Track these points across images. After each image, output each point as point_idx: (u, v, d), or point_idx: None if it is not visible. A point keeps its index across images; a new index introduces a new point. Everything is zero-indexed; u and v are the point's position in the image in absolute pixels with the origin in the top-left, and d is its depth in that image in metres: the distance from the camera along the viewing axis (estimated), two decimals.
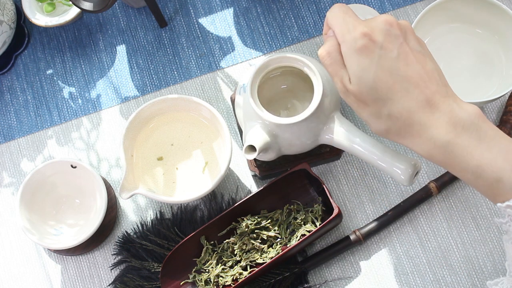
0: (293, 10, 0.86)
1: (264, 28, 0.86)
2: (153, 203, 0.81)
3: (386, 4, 0.84)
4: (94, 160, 0.83)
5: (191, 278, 0.75)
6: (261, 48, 0.85)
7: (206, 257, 0.75)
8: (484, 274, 0.75)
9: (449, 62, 0.78)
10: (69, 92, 0.86)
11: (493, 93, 0.75)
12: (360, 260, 0.77)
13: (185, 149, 0.78)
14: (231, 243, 0.75)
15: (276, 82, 0.75)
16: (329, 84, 0.69)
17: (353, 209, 0.79)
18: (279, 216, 0.76)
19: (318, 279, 0.76)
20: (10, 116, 0.87)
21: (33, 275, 0.80)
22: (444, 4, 0.75)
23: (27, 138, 0.85)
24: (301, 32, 0.85)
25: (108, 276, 0.79)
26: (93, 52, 0.88)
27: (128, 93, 0.86)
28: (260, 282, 0.74)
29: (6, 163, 0.85)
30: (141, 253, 0.77)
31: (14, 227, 0.82)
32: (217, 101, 0.84)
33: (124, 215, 0.81)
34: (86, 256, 0.80)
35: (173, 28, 0.87)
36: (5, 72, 0.88)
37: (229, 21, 0.87)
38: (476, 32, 0.78)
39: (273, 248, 0.74)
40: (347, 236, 0.76)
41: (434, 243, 0.77)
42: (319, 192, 0.76)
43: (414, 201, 0.77)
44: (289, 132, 0.67)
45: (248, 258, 0.74)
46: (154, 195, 0.72)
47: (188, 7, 0.88)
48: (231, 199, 0.79)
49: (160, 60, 0.86)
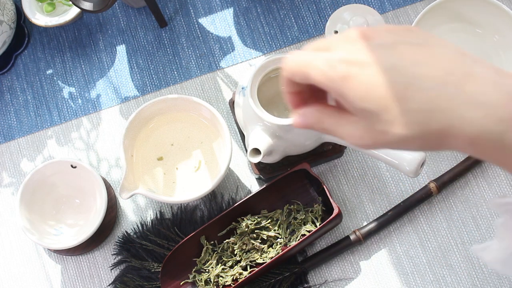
0: (293, 10, 0.86)
1: (264, 28, 0.86)
2: (153, 203, 0.81)
3: (386, 4, 0.84)
4: (94, 160, 0.83)
5: (191, 278, 0.75)
6: (261, 48, 0.85)
7: (206, 257, 0.75)
8: (484, 274, 0.75)
9: None
10: (69, 92, 0.86)
11: None
12: (360, 260, 0.77)
13: (185, 149, 0.78)
14: (231, 243, 0.75)
15: (275, 82, 0.75)
16: None
17: (353, 209, 0.79)
18: (279, 216, 0.76)
19: (318, 279, 0.76)
20: (10, 116, 0.87)
21: (33, 275, 0.80)
22: (444, 4, 0.75)
23: (27, 138, 0.85)
24: (301, 32, 0.85)
25: (108, 276, 0.79)
26: (93, 52, 0.88)
27: (128, 93, 0.86)
28: (260, 282, 0.74)
29: (6, 163, 0.85)
30: (141, 253, 0.77)
31: (14, 227, 0.82)
32: (217, 101, 0.84)
33: (124, 215, 0.81)
34: (86, 256, 0.80)
35: (173, 28, 0.87)
36: (5, 72, 0.88)
37: (229, 21, 0.87)
38: (476, 32, 0.78)
39: (273, 248, 0.74)
40: (347, 236, 0.76)
41: (434, 243, 0.77)
42: (319, 192, 0.76)
43: (414, 201, 0.77)
44: (292, 132, 0.67)
45: (248, 258, 0.74)
46: (154, 195, 0.72)
47: (188, 7, 0.88)
48: (231, 199, 0.79)
49: (160, 60, 0.86)
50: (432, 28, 0.77)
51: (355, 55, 0.35)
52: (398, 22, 0.83)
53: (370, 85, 0.35)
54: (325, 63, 0.36)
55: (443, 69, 0.34)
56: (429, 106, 0.34)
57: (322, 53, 0.37)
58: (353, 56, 0.35)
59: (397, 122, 0.35)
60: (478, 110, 0.33)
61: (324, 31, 0.77)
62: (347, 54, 0.36)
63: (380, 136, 0.36)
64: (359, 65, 0.35)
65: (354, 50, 0.36)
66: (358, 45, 0.36)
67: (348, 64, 0.35)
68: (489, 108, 0.33)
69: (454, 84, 0.34)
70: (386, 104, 0.35)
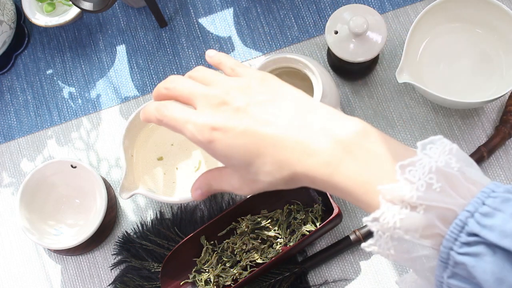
0: (293, 10, 0.86)
1: (264, 28, 0.86)
2: (153, 203, 0.81)
3: (386, 4, 0.84)
4: (94, 160, 0.83)
5: (191, 278, 0.75)
6: (261, 48, 0.85)
7: (206, 257, 0.75)
8: None
9: (449, 62, 0.78)
10: (69, 92, 0.86)
11: (493, 93, 0.75)
12: (360, 260, 0.77)
13: (185, 149, 0.78)
14: (231, 243, 0.75)
15: None
16: (328, 84, 0.69)
17: (353, 209, 0.79)
18: (279, 216, 0.76)
19: (318, 279, 0.76)
20: (10, 116, 0.87)
21: (33, 275, 0.80)
22: (444, 4, 0.75)
23: (27, 138, 0.85)
24: (301, 32, 0.85)
25: (108, 276, 0.79)
26: (93, 52, 0.88)
27: (128, 93, 0.86)
28: (260, 282, 0.74)
29: (6, 163, 0.85)
30: (141, 253, 0.77)
31: (14, 227, 0.82)
32: None
33: (124, 215, 0.81)
34: (86, 256, 0.80)
35: (173, 28, 0.87)
36: (5, 72, 0.88)
37: (229, 21, 0.87)
38: (476, 32, 0.78)
39: (273, 248, 0.74)
40: (347, 236, 0.76)
41: None
42: (319, 192, 0.76)
43: None
44: None
45: (248, 258, 0.74)
46: (154, 195, 0.72)
47: (188, 7, 0.88)
48: (231, 199, 0.79)
49: (160, 60, 0.86)
50: (432, 28, 0.77)
51: (217, 121, 0.43)
52: (398, 22, 0.83)
53: (231, 147, 0.43)
54: (195, 129, 0.44)
55: (285, 125, 0.42)
56: (279, 159, 0.41)
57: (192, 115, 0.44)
58: (216, 122, 0.43)
59: (261, 173, 0.43)
60: (311, 158, 0.41)
61: (324, 31, 0.77)
62: (212, 120, 0.43)
63: (254, 184, 0.44)
64: (221, 130, 0.43)
65: (217, 117, 0.43)
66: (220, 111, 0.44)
67: (212, 130, 0.43)
68: (318, 155, 0.40)
69: (294, 137, 0.41)
70: (248, 160, 0.43)
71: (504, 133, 0.76)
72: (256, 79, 0.46)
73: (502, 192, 0.38)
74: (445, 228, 0.37)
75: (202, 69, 0.49)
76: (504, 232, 0.36)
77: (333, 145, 0.40)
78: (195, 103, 0.46)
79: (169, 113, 0.46)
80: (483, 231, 0.36)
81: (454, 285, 0.38)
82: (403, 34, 0.83)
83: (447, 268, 0.38)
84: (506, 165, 0.78)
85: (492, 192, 0.38)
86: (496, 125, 0.78)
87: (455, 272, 0.37)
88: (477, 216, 0.37)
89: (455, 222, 0.37)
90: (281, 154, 0.41)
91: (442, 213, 0.37)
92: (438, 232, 0.38)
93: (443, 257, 0.38)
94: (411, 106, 0.80)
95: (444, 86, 0.77)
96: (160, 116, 0.46)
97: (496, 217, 0.36)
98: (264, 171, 0.43)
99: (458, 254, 0.37)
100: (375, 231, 0.39)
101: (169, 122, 0.46)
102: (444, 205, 0.37)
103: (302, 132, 0.41)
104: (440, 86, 0.77)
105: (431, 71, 0.78)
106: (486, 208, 0.37)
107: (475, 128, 0.79)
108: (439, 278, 0.38)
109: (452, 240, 0.37)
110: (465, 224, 0.37)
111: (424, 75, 0.78)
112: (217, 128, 0.43)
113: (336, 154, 0.40)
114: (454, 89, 0.77)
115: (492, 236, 0.36)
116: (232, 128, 0.43)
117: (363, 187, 0.40)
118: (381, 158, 0.40)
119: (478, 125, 0.79)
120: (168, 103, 0.47)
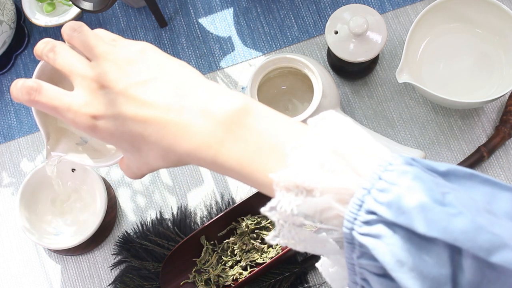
0: (293, 10, 0.86)
1: (264, 28, 0.86)
2: (153, 203, 0.81)
3: (386, 4, 0.84)
4: None
5: (191, 278, 0.75)
6: (261, 48, 0.85)
7: (206, 257, 0.75)
8: None
9: (449, 62, 0.78)
10: None
11: (493, 93, 0.75)
12: None
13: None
14: (231, 243, 0.75)
15: (275, 82, 0.75)
16: (328, 84, 0.70)
17: None
18: None
19: (318, 279, 0.77)
20: (10, 116, 0.87)
21: (33, 275, 0.80)
22: (444, 4, 0.75)
23: (27, 138, 0.85)
24: (301, 32, 0.85)
25: (108, 276, 0.79)
26: None
27: None
28: (260, 282, 0.74)
29: (6, 163, 0.85)
30: (141, 253, 0.77)
31: (14, 227, 0.82)
32: None
33: (124, 215, 0.81)
34: (86, 256, 0.80)
35: (173, 28, 0.87)
36: (5, 72, 0.88)
37: (229, 21, 0.87)
38: (476, 32, 0.78)
39: (273, 248, 0.74)
40: None
41: None
42: None
43: None
44: None
45: (248, 258, 0.74)
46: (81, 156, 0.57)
47: (188, 7, 0.88)
48: (231, 199, 0.79)
49: None
50: (432, 28, 0.77)
51: (97, 109, 0.43)
52: (398, 22, 0.83)
53: (114, 135, 0.43)
54: (76, 117, 0.43)
55: (166, 107, 0.41)
56: (163, 145, 0.41)
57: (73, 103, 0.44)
58: (97, 110, 0.43)
59: (150, 158, 0.43)
60: (192, 140, 0.40)
61: (324, 31, 0.77)
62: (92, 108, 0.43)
63: (148, 166, 0.45)
64: (103, 119, 0.43)
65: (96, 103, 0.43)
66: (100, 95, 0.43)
67: (93, 119, 0.43)
68: (199, 137, 0.40)
69: (174, 120, 0.41)
70: (136, 147, 0.43)
71: (504, 133, 0.76)
72: (137, 52, 0.44)
73: (400, 164, 0.35)
74: (344, 209, 0.35)
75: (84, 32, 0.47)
76: (401, 208, 0.33)
77: (213, 126, 0.40)
78: (74, 82, 0.45)
79: (45, 99, 0.45)
80: (380, 208, 0.33)
81: (366, 264, 0.35)
82: (403, 34, 0.83)
83: (354, 249, 0.35)
84: (506, 165, 0.78)
85: (389, 165, 0.35)
86: (496, 125, 0.78)
87: (364, 252, 0.35)
88: (373, 192, 0.34)
89: (352, 201, 0.34)
90: (164, 139, 0.41)
91: (339, 193, 0.35)
92: (337, 213, 0.35)
93: (348, 238, 0.35)
94: (411, 106, 0.81)
95: (444, 86, 0.77)
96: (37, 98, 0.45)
97: (392, 192, 0.33)
98: (153, 157, 0.43)
99: (360, 235, 0.34)
100: (276, 221, 0.37)
101: (47, 108, 0.45)
102: (340, 185, 0.35)
103: (183, 114, 0.41)
104: (440, 86, 0.77)
105: (431, 71, 0.78)
106: (383, 183, 0.34)
107: (475, 128, 0.79)
108: (349, 260, 0.36)
109: (352, 220, 0.34)
110: (362, 202, 0.34)
111: (424, 75, 0.78)
112: (97, 116, 0.43)
113: (216, 135, 0.39)
114: (454, 89, 0.77)
115: (389, 214, 0.33)
116: (113, 116, 0.42)
117: (249, 167, 0.38)
118: (263, 135, 0.39)
119: (478, 125, 0.79)
120: (46, 86, 0.45)
